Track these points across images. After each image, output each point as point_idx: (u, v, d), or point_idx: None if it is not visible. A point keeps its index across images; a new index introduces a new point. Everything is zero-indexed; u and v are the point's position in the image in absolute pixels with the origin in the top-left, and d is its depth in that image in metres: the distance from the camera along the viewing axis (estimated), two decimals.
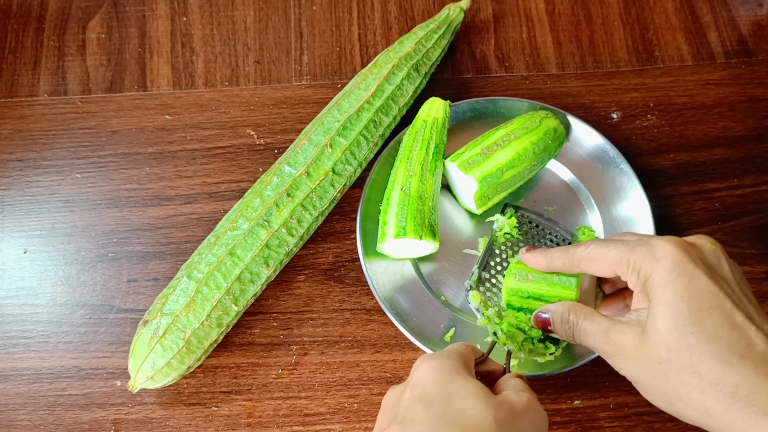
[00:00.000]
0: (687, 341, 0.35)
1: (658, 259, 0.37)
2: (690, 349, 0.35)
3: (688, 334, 0.35)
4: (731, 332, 0.35)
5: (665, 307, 0.36)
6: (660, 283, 0.37)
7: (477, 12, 0.70)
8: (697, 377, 0.35)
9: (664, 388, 0.37)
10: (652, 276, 0.37)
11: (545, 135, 0.57)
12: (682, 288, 0.36)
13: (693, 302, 0.35)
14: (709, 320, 0.35)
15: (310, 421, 0.53)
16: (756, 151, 0.64)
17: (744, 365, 0.34)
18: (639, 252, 0.38)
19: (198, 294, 0.50)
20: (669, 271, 0.37)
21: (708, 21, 0.70)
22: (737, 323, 0.35)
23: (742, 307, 0.36)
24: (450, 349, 0.41)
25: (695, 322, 0.35)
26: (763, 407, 0.33)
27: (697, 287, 0.36)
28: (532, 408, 0.38)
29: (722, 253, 0.39)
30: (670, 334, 0.35)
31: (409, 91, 0.60)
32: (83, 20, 0.69)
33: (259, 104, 0.65)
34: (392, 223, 0.53)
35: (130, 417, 0.53)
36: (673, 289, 0.36)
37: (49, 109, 0.65)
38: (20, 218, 0.60)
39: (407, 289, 0.56)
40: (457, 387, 0.37)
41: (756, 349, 0.34)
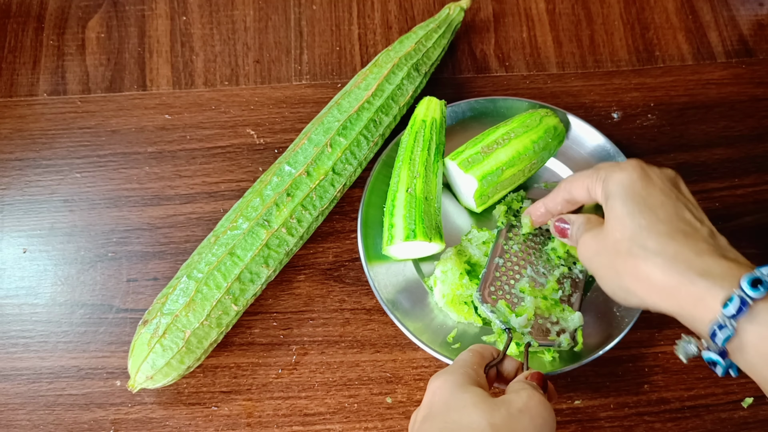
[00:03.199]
0: (639, 223, 0.40)
1: (621, 168, 0.43)
2: (641, 229, 0.40)
3: (640, 218, 0.40)
4: (679, 222, 0.40)
5: (622, 199, 0.41)
6: (620, 182, 0.42)
7: (477, 11, 0.70)
8: (644, 250, 0.39)
9: (616, 270, 0.41)
10: (613, 178, 0.42)
11: (545, 133, 0.57)
12: (639, 188, 0.41)
13: (648, 197, 0.41)
14: (661, 210, 0.40)
15: (310, 421, 0.53)
16: (756, 150, 0.63)
17: (686, 241, 0.39)
18: (605, 166, 0.44)
19: (198, 294, 0.50)
20: (629, 174, 0.42)
21: (708, 20, 0.70)
22: (686, 218, 0.40)
23: (692, 211, 0.41)
24: (458, 360, 0.43)
25: (648, 211, 0.40)
26: (698, 270, 0.37)
27: (653, 187, 0.41)
28: (532, 406, 0.38)
29: (681, 178, 0.44)
30: (624, 219, 0.41)
31: (409, 90, 0.60)
32: (83, 19, 0.69)
33: (258, 104, 0.65)
34: (400, 226, 0.53)
35: (130, 417, 0.53)
36: (631, 189, 0.41)
37: (48, 109, 0.65)
38: (20, 218, 0.60)
39: (409, 290, 0.56)
40: (456, 399, 0.39)
41: (699, 235, 0.39)
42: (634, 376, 0.54)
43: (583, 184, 0.46)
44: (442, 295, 0.54)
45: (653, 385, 0.54)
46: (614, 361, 0.55)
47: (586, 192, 0.46)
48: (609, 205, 0.42)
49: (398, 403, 0.54)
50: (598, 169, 0.45)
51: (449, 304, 0.54)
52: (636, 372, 0.55)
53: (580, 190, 0.46)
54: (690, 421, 0.53)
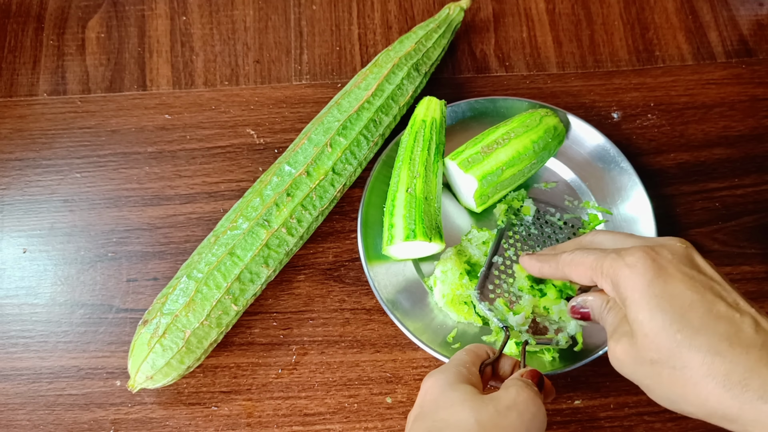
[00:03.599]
0: (675, 339, 0.35)
1: (629, 266, 0.37)
2: (679, 346, 0.35)
3: (675, 332, 0.35)
4: (717, 322, 0.34)
5: (648, 311, 0.36)
6: (635, 288, 0.37)
7: (477, 11, 0.70)
8: (690, 371, 0.34)
9: (662, 388, 0.37)
10: (626, 282, 0.37)
11: (545, 133, 0.57)
12: (660, 290, 0.36)
13: (674, 301, 0.35)
14: (693, 315, 0.35)
15: (310, 421, 0.53)
16: (756, 150, 0.63)
17: (733, 352, 0.33)
18: (609, 259, 0.38)
19: (198, 294, 0.50)
20: (642, 276, 0.36)
21: (708, 20, 0.70)
22: (721, 313, 0.35)
23: (724, 296, 0.36)
24: (452, 359, 0.43)
25: (680, 320, 0.35)
26: (757, 390, 0.33)
27: (675, 286, 0.36)
28: (520, 401, 0.38)
29: (693, 250, 0.39)
30: (658, 336, 0.35)
31: (409, 90, 0.60)
32: (83, 19, 0.69)
33: (258, 104, 0.65)
34: (400, 226, 0.53)
35: (130, 417, 0.53)
36: (651, 293, 0.36)
37: (48, 109, 0.65)
38: (20, 218, 0.60)
39: (409, 290, 0.56)
40: (446, 398, 0.39)
41: (743, 335, 0.34)
42: None
43: (585, 274, 0.41)
44: (442, 295, 0.54)
45: None
46: None
47: (589, 281, 0.41)
48: (632, 316, 0.37)
49: (398, 403, 0.54)
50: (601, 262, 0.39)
51: (449, 304, 0.54)
52: None
53: (581, 278, 0.41)
54: (690, 421, 0.53)
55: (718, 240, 0.60)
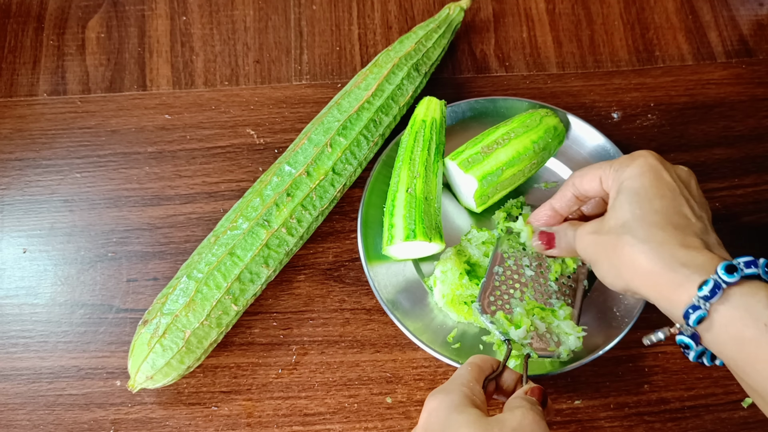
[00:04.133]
0: (633, 211, 0.41)
1: (633, 158, 0.44)
2: (634, 217, 0.41)
3: (637, 207, 0.41)
4: (674, 215, 0.41)
5: (627, 192, 0.42)
6: (631, 175, 0.43)
7: (477, 11, 0.70)
8: (633, 236, 0.40)
9: (610, 255, 0.42)
10: (627, 170, 0.43)
11: (545, 133, 0.57)
12: (648, 180, 0.42)
13: (651, 189, 0.42)
14: (658, 202, 0.41)
15: (310, 421, 0.53)
16: (756, 150, 0.63)
17: (675, 232, 0.40)
18: (620, 158, 0.45)
19: (198, 294, 0.50)
20: (640, 167, 0.43)
21: (708, 20, 0.70)
22: (682, 211, 0.41)
23: (693, 207, 0.42)
24: (455, 377, 0.43)
25: (647, 201, 0.41)
26: (681, 258, 0.38)
27: (659, 180, 0.42)
28: (525, 425, 0.38)
29: (694, 178, 0.45)
30: (622, 208, 0.42)
31: (409, 90, 0.60)
32: (83, 19, 0.69)
33: (258, 104, 0.65)
34: (400, 226, 0.53)
35: (130, 417, 0.53)
36: (640, 179, 0.42)
37: (48, 109, 0.65)
38: (20, 218, 0.60)
39: (409, 290, 0.56)
40: (451, 421, 0.39)
41: (691, 228, 0.40)
42: (634, 376, 0.54)
43: (596, 175, 0.46)
44: (442, 295, 0.54)
45: (653, 385, 0.54)
46: (614, 361, 0.55)
47: (598, 183, 0.46)
48: (614, 194, 0.43)
49: (398, 403, 0.54)
50: (612, 161, 0.45)
51: (449, 304, 0.54)
52: (636, 372, 0.55)
53: (591, 182, 0.46)
54: (690, 421, 0.53)
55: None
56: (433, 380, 0.54)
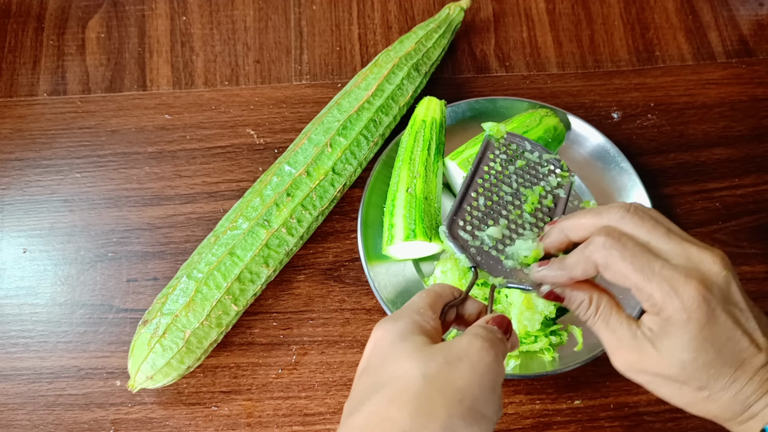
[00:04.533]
0: (708, 373, 0.38)
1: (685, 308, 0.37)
2: (709, 377, 0.38)
3: (710, 368, 0.38)
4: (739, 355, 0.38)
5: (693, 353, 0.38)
6: (687, 330, 0.38)
7: (477, 11, 0.70)
8: (709, 391, 0.38)
9: (680, 399, 0.39)
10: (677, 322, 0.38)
11: (545, 133, 0.57)
12: (707, 334, 0.38)
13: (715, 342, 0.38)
14: (725, 351, 0.38)
15: (310, 421, 0.53)
16: (757, 150, 0.63)
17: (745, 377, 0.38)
18: (665, 292, 0.38)
19: (198, 294, 0.50)
20: (697, 322, 0.37)
21: (708, 20, 0.70)
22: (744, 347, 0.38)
23: (748, 330, 0.39)
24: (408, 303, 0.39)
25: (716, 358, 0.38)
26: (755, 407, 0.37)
27: (719, 329, 0.38)
28: (472, 352, 0.35)
29: (731, 274, 0.39)
30: (695, 370, 0.38)
31: (410, 90, 0.60)
32: (83, 19, 0.69)
33: (259, 104, 0.65)
34: (400, 226, 0.53)
35: (130, 417, 0.53)
36: (701, 336, 0.37)
37: (48, 109, 0.65)
38: (20, 218, 0.60)
39: (409, 290, 0.56)
40: (394, 350, 0.36)
41: (754, 363, 0.38)
42: None
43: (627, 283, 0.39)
44: None
45: None
46: None
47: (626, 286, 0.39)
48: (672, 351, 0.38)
49: None
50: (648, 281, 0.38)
51: None
52: None
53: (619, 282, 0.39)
54: (690, 421, 0.53)
55: (718, 240, 0.60)
56: None
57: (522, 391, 0.54)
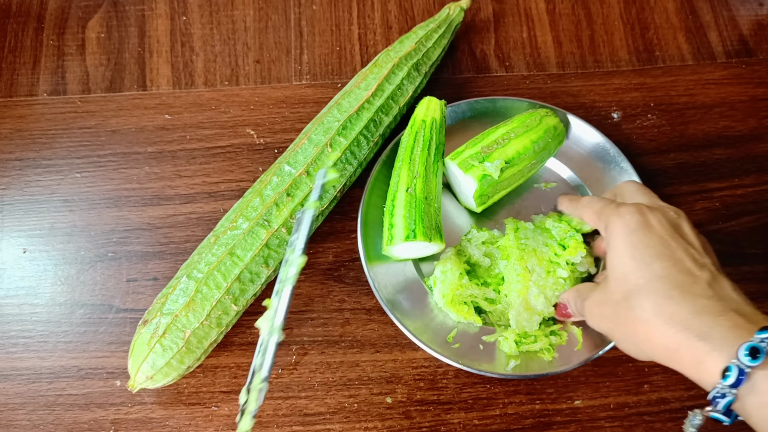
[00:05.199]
0: (637, 283, 0.39)
1: (620, 216, 0.42)
2: (639, 289, 0.39)
3: (638, 275, 0.39)
4: (678, 274, 0.39)
5: (621, 256, 0.41)
6: (618, 234, 0.42)
7: (477, 11, 0.70)
8: (642, 310, 0.39)
9: (620, 329, 0.41)
10: (611, 227, 0.42)
11: (545, 133, 0.57)
12: (636, 240, 0.41)
13: (645, 251, 0.40)
14: (657, 265, 0.39)
15: (310, 421, 0.53)
16: (757, 150, 0.63)
17: (682, 297, 0.38)
18: (609, 208, 0.44)
19: (198, 294, 0.50)
20: (627, 226, 0.41)
21: (708, 20, 0.70)
22: (684, 267, 0.39)
23: (694, 255, 0.40)
24: None
25: (646, 267, 0.40)
26: (695, 330, 0.37)
27: (650, 239, 0.41)
28: None
29: (684, 219, 0.43)
30: (624, 278, 0.40)
31: (410, 90, 0.60)
32: (83, 19, 0.69)
33: (259, 104, 0.65)
34: (400, 226, 0.53)
35: (130, 417, 0.53)
36: (629, 241, 0.41)
37: (48, 109, 0.65)
38: (20, 218, 0.60)
39: (409, 290, 0.56)
40: None
41: (697, 287, 0.38)
42: (634, 376, 0.54)
43: (591, 217, 0.47)
44: (441, 295, 0.54)
45: (653, 385, 0.54)
46: (614, 361, 0.55)
47: (593, 221, 0.47)
48: (609, 262, 0.42)
49: (398, 403, 0.54)
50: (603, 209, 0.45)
51: (449, 304, 0.54)
52: (636, 372, 0.55)
53: (590, 221, 0.47)
54: None
55: (718, 240, 0.60)
56: (433, 380, 0.54)
57: (522, 391, 0.54)
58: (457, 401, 0.54)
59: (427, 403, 0.54)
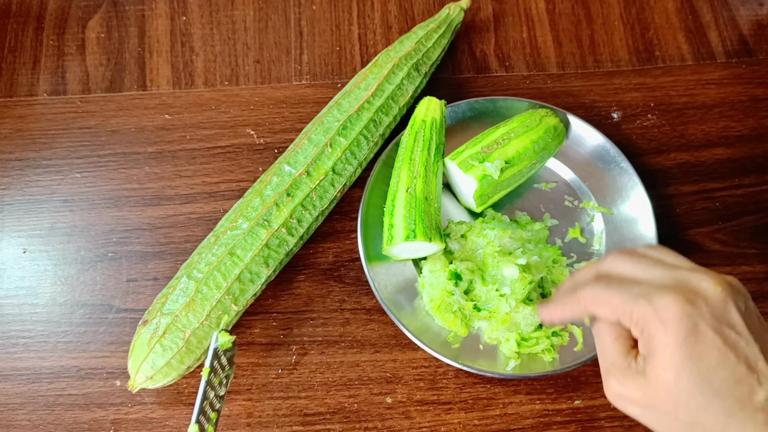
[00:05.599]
0: (696, 401, 0.36)
1: (663, 322, 0.36)
2: (698, 408, 0.36)
3: (697, 394, 0.36)
4: (735, 386, 0.35)
5: (675, 371, 0.36)
6: (667, 346, 0.36)
7: (477, 11, 0.70)
8: (702, 428, 0.36)
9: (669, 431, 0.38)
10: (657, 338, 0.36)
11: (545, 133, 0.57)
12: (690, 351, 0.36)
13: (701, 363, 0.36)
14: (716, 378, 0.35)
15: (310, 421, 0.53)
16: (757, 150, 0.63)
17: (744, 416, 0.35)
18: (640, 307, 0.37)
19: (198, 294, 0.50)
20: (675, 335, 0.36)
21: (708, 20, 0.70)
22: (741, 376, 0.35)
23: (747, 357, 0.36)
24: None
25: (704, 383, 0.36)
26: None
27: (705, 348, 0.36)
28: None
29: (728, 294, 0.37)
30: (680, 395, 0.36)
31: (410, 90, 0.60)
32: (83, 19, 0.69)
33: (258, 104, 0.65)
34: (400, 226, 0.53)
35: (130, 417, 0.53)
36: (682, 353, 0.36)
37: (48, 109, 0.65)
38: (20, 218, 0.60)
39: (409, 290, 0.56)
40: None
41: (755, 397, 0.35)
42: None
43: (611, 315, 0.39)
44: (430, 299, 0.54)
45: None
46: None
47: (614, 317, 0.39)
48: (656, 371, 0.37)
49: (398, 403, 0.54)
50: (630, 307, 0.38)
51: (435, 309, 0.54)
52: None
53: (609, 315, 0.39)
54: None
55: (718, 240, 0.60)
56: (433, 380, 0.54)
57: (522, 391, 0.54)
58: (457, 401, 0.54)
59: (427, 403, 0.54)
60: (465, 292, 0.54)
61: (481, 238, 0.56)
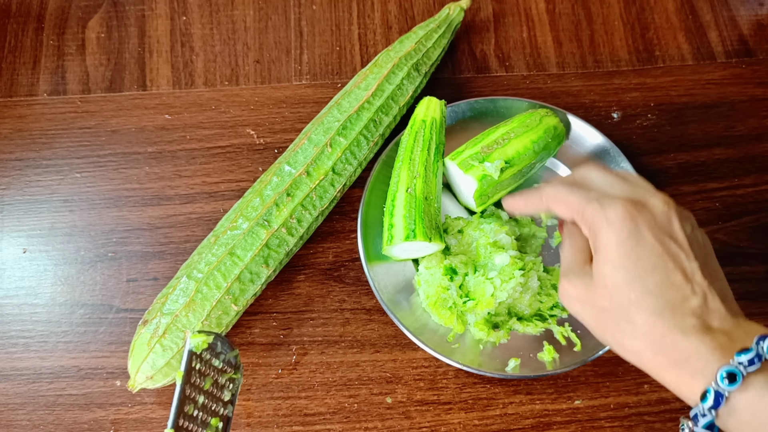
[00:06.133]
0: (629, 297, 0.38)
1: (608, 222, 0.39)
2: (630, 303, 0.38)
3: (630, 291, 0.38)
4: (669, 290, 0.38)
5: (612, 267, 0.39)
6: (608, 244, 0.39)
7: (477, 11, 0.70)
8: (632, 326, 0.38)
9: (604, 331, 0.40)
10: (601, 235, 0.40)
11: (545, 133, 0.57)
12: (629, 250, 0.39)
13: (638, 263, 0.38)
14: (650, 279, 0.38)
15: (310, 421, 0.53)
16: (757, 150, 0.63)
17: (673, 317, 0.37)
18: (591, 208, 0.41)
19: (198, 294, 0.50)
20: (617, 234, 0.39)
21: (708, 20, 0.70)
22: (676, 282, 0.38)
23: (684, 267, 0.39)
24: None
25: (638, 281, 0.38)
26: (682, 352, 0.37)
27: (643, 249, 0.39)
28: None
29: (674, 212, 0.40)
30: (615, 290, 0.39)
31: (409, 90, 0.60)
32: (83, 19, 0.69)
33: (258, 104, 0.65)
34: (400, 226, 0.53)
35: (130, 417, 0.53)
36: (621, 251, 0.39)
37: (48, 109, 0.65)
38: (20, 218, 0.60)
39: (409, 290, 0.56)
40: None
41: (688, 305, 0.37)
42: (634, 376, 0.54)
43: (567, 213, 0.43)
44: (426, 296, 0.54)
45: (653, 385, 0.54)
46: (614, 361, 0.55)
47: (570, 219, 0.43)
48: (598, 266, 0.40)
49: (398, 403, 0.54)
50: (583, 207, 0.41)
51: (432, 306, 0.54)
52: (636, 372, 0.55)
53: (565, 213, 0.43)
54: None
55: (718, 240, 0.60)
56: (433, 380, 0.54)
57: (522, 391, 0.54)
58: (457, 401, 0.54)
59: (427, 403, 0.54)
60: (459, 286, 0.54)
61: (477, 231, 0.56)
